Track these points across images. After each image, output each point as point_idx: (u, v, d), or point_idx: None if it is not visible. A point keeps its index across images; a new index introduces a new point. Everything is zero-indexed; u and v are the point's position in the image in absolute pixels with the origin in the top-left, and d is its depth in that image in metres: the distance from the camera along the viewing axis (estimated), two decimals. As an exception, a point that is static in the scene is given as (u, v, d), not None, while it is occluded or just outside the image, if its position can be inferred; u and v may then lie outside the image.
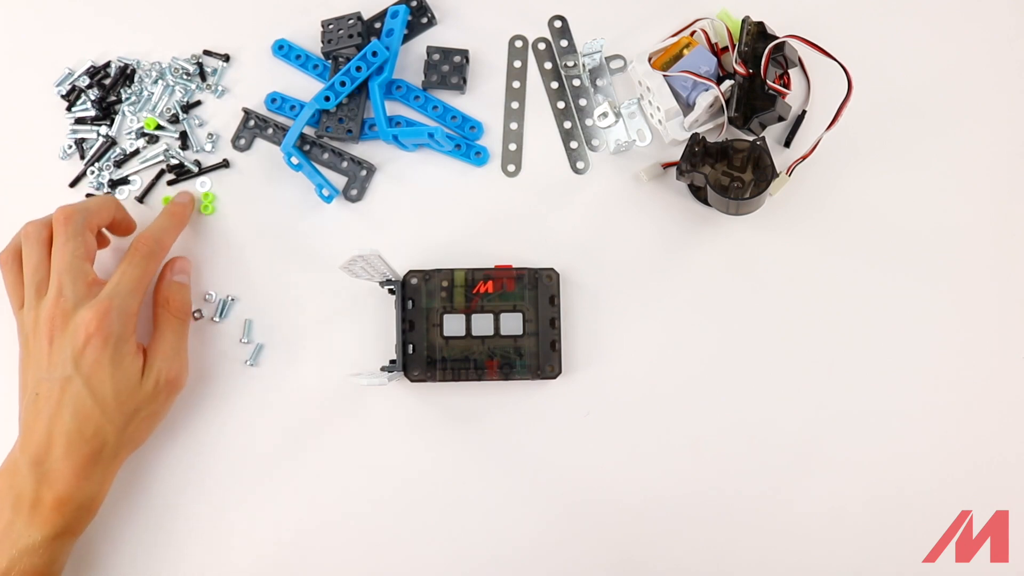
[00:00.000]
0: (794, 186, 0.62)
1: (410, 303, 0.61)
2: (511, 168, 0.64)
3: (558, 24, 0.66)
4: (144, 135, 0.65)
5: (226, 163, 0.65)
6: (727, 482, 0.60)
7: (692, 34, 0.64)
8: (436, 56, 0.65)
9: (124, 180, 0.65)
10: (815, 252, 0.63)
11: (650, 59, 0.62)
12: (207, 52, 0.66)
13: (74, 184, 0.65)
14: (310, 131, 0.65)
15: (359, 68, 0.63)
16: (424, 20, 0.66)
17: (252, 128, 0.65)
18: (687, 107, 0.62)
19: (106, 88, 0.65)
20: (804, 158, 0.61)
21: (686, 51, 0.62)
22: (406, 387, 0.61)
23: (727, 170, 0.59)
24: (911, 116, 0.64)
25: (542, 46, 0.66)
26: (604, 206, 0.63)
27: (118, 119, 0.65)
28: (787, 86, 0.62)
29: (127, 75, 0.66)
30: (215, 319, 0.62)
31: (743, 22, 0.61)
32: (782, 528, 0.60)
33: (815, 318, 0.62)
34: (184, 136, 0.65)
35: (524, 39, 0.66)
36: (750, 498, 0.60)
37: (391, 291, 0.61)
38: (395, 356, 0.60)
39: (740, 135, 0.62)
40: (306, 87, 0.65)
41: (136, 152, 0.65)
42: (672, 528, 0.60)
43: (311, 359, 0.62)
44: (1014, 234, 0.63)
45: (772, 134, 0.64)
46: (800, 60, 0.63)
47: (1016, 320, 0.62)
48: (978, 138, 0.64)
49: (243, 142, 0.65)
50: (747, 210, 0.61)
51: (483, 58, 0.66)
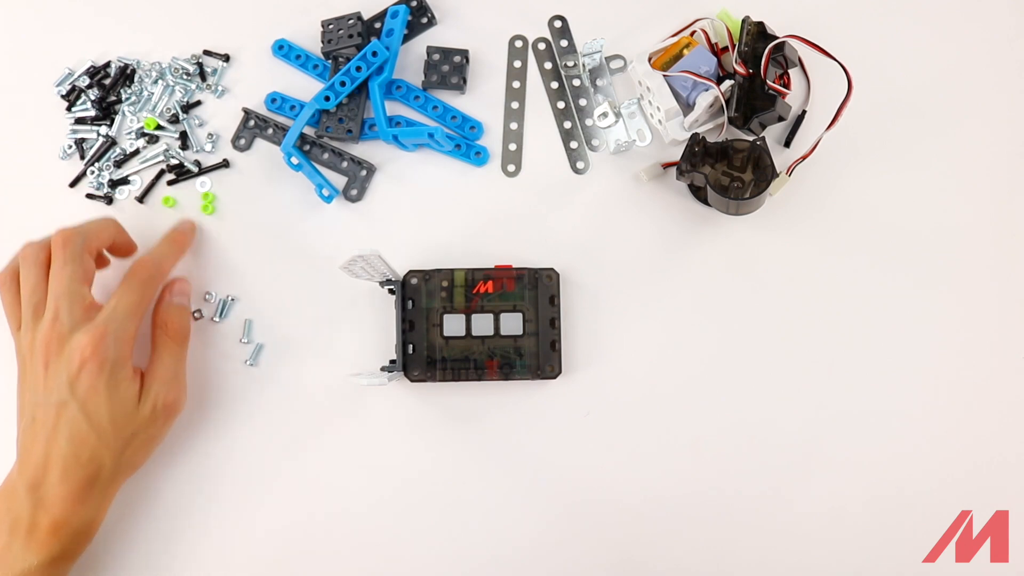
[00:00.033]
0: (794, 186, 0.62)
1: (410, 303, 0.61)
2: (511, 168, 0.64)
3: (558, 24, 0.66)
4: (144, 135, 0.65)
5: (226, 163, 0.65)
6: (727, 482, 0.60)
7: (692, 34, 0.64)
8: (436, 56, 0.65)
9: (124, 180, 0.65)
10: (815, 252, 0.63)
11: (650, 59, 0.62)
12: (207, 52, 0.66)
13: (74, 184, 0.65)
14: (310, 131, 0.65)
15: (359, 68, 0.63)
16: (424, 20, 0.66)
17: (252, 128, 0.65)
18: (687, 107, 0.62)
19: (106, 88, 0.65)
20: (804, 158, 0.61)
21: (686, 51, 0.62)
22: (406, 387, 0.61)
23: (727, 170, 0.59)
24: (911, 116, 0.64)
25: (542, 46, 0.66)
26: (604, 206, 0.63)
27: (118, 119, 0.65)
28: (787, 86, 0.62)
29: (127, 75, 0.66)
30: (215, 319, 0.62)
31: (743, 22, 0.61)
32: (782, 528, 0.60)
33: (815, 318, 0.62)
34: (184, 136, 0.65)
35: (524, 39, 0.66)
36: (750, 498, 0.60)
37: (391, 291, 0.61)
38: (395, 356, 0.60)
39: (740, 135, 0.62)
40: (306, 87, 0.65)
41: (136, 152, 0.65)
42: (672, 528, 0.60)
43: (311, 359, 0.62)
44: (1014, 234, 0.63)
45: (772, 134, 0.64)
46: (800, 60, 0.63)
47: (1016, 320, 0.62)
48: (978, 138, 0.64)
49: (243, 142, 0.65)
50: (747, 210, 0.61)
51: (483, 58, 0.66)
